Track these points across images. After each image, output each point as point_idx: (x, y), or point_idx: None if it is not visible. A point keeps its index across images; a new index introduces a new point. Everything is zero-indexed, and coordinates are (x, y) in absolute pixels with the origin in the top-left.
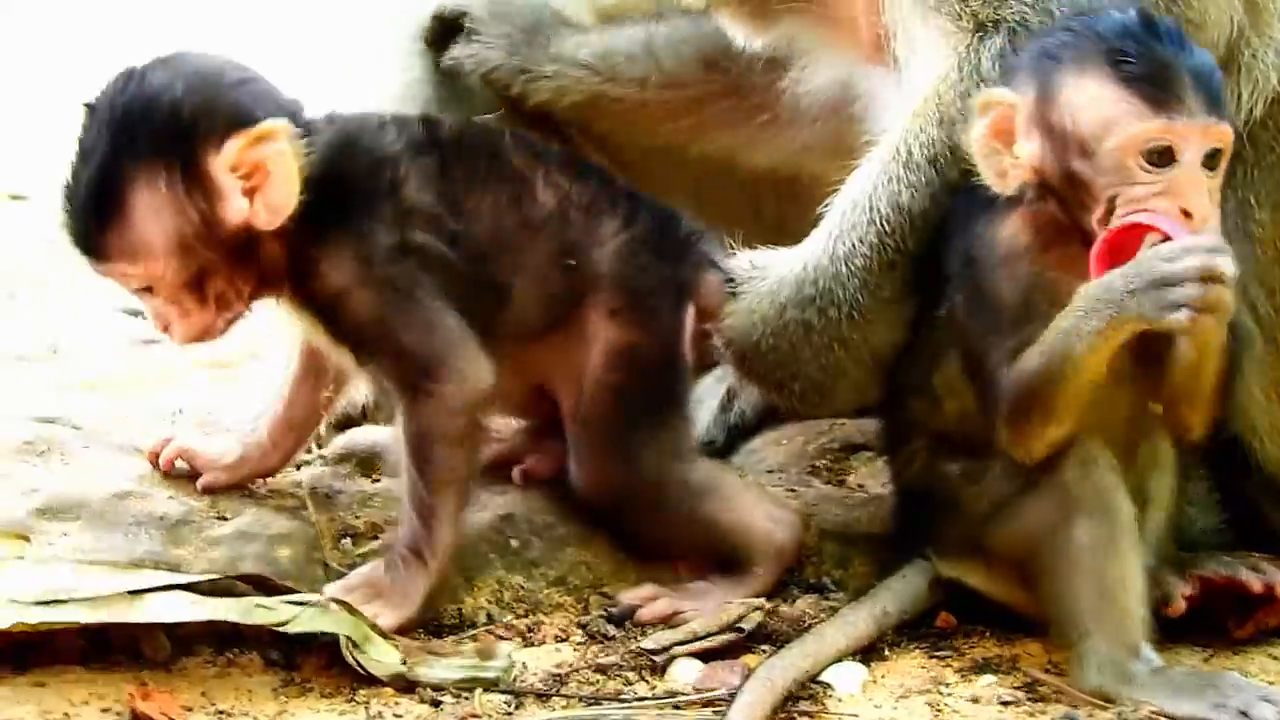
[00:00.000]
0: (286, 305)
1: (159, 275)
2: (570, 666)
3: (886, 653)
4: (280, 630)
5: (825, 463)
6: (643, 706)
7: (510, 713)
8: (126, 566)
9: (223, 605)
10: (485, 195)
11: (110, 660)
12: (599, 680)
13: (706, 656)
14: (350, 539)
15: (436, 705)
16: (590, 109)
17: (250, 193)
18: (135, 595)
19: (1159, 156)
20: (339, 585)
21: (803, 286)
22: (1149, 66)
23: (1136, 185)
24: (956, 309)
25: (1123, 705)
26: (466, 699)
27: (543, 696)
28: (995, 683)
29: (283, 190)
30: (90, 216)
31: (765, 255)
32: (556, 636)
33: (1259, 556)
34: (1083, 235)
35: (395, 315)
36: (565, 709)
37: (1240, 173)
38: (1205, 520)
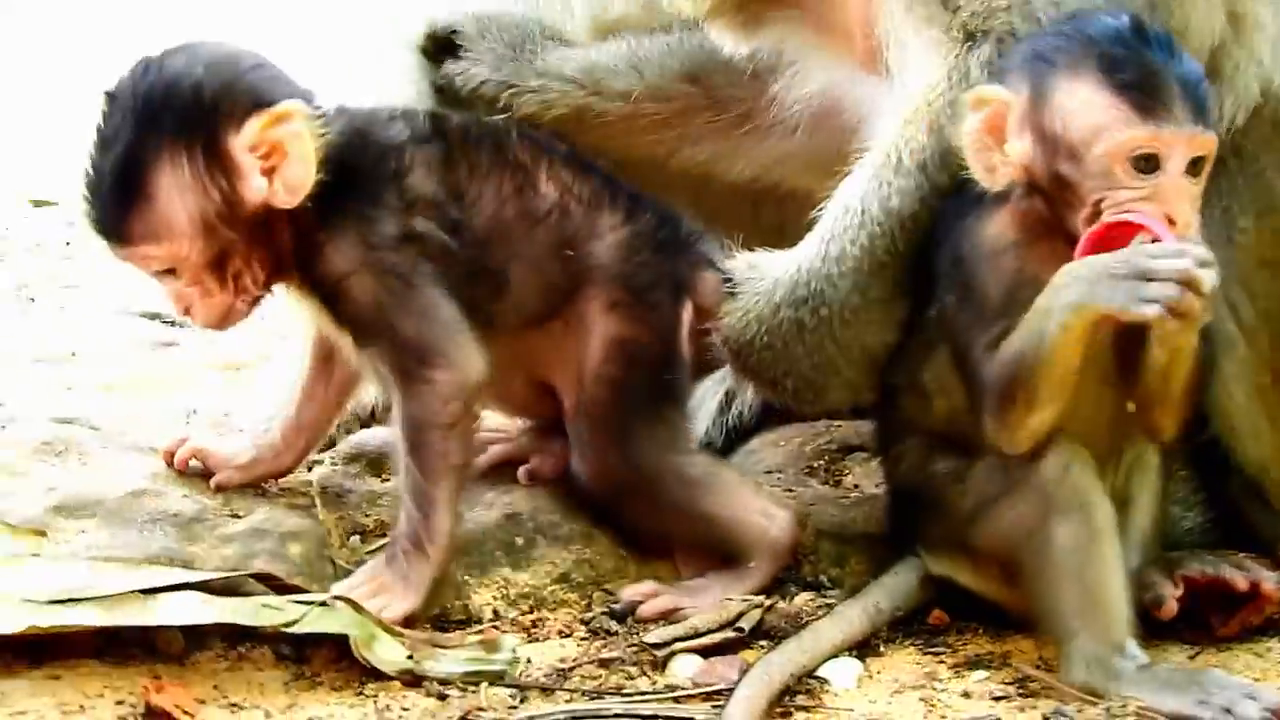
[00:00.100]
0: (293, 290)
1: (183, 256)
2: (573, 661)
3: (881, 649)
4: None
5: (822, 464)
6: (644, 700)
7: (515, 706)
8: (141, 563)
9: (232, 606)
10: (488, 186)
11: (125, 654)
12: (601, 675)
13: (706, 652)
14: (359, 536)
15: (443, 699)
16: (576, 122)
17: (269, 172)
18: (148, 595)
19: (1145, 163)
20: (345, 583)
21: (796, 287)
22: (1139, 74)
23: (1122, 190)
24: (946, 307)
25: (1110, 701)
26: (472, 693)
27: (546, 690)
28: (987, 678)
29: (300, 170)
30: (115, 200)
31: (762, 257)
32: (560, 632)
33: (1242, 555)
34: (1067, 233)
35: (394, 302)
36: (568, 702)
37: (1224, 181)
38: (1190, 520)
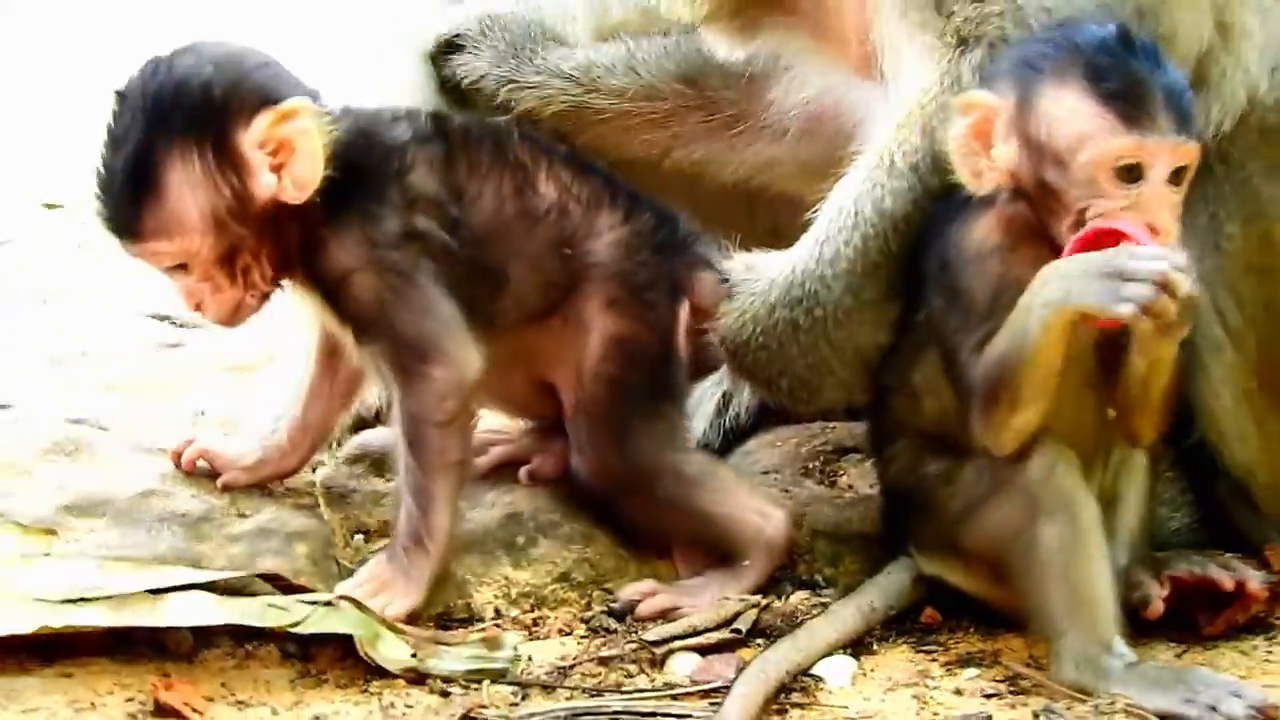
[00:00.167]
0: (297, 286)
1: (194, 251)
2: (574, 659)
3: (875, 647)
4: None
5: (817, 465)
6: (642, 697)
7: (516, 703)
8: (150, 562)
9: (239, 606)
10: (488, 185)
11: (134, 653)
12: (601, 672)
13: (704, 650)
14: (363, 536)
15: (446, 696)
16: (574, 119)
17: (278, 169)
18: (156, 596)
19: (1129, 172)
20: (348, 583)
21: (791, 288)
22: (1124, 83)
23: (1106, 199)
24: (934, 310)
25: (1099, 698)
26: (475, 690)
27: (547, 688)
28: (978, 676)
29: (308, 166)
30: (127, 197)
31: (758, 258)
32: (560, 630)
33: (1229, 555)
34: (1051, 238)
35: (394, 299)
36: (569, 699)
37: (1211, 187)
38: (1177, 520)
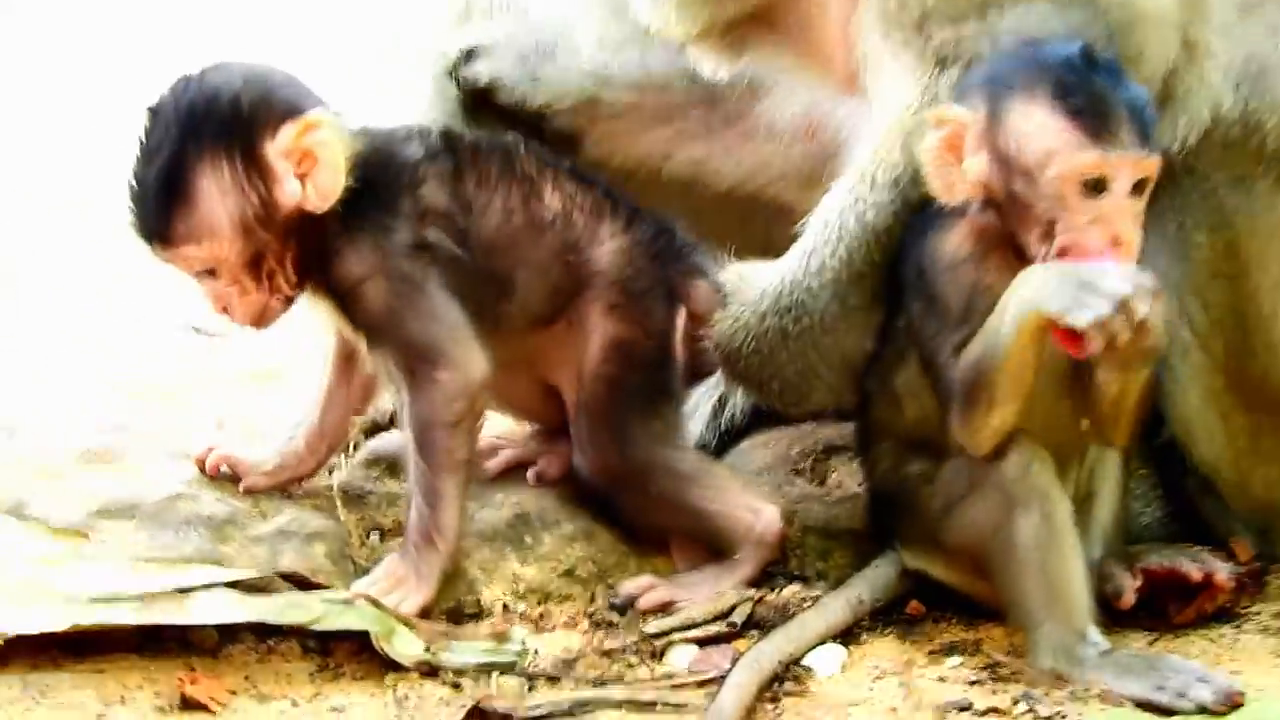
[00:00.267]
0: (314, 294)
1: (222, 256)
2: (578, 651)
3: (863, 637)
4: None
5: (808, 464)
6: (643, 687)
7: (524, 694)
8: (176, 563)
9: (261, 604)
10: (496, 197)
11: (161, 649)
12: (604, 664)
13: (701, 642)
14: (378, 535)
15: (457, 688)
16: (586, 115)
17: (302, 177)
18: (183, 595)
19: (1094, 185)
20: (364, 580)
21: (781, 297)
22: (1089, 100)
23: (1072, 211)
24: (913, 317)
25: (1075, 685)
26: (485, 682)
27: (553, 679)
28: (961, 664)
29: (331, 175)
30: (160, 204)
31: (751, 268)
32: (566, 624)
33: (1198, 548)
34: (1019, 247)
35: (404, 305)
36: (574, 690)
37: (1178, 198)
38: (1148, 515)
